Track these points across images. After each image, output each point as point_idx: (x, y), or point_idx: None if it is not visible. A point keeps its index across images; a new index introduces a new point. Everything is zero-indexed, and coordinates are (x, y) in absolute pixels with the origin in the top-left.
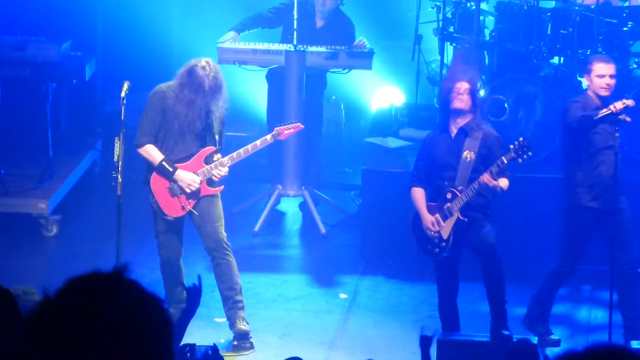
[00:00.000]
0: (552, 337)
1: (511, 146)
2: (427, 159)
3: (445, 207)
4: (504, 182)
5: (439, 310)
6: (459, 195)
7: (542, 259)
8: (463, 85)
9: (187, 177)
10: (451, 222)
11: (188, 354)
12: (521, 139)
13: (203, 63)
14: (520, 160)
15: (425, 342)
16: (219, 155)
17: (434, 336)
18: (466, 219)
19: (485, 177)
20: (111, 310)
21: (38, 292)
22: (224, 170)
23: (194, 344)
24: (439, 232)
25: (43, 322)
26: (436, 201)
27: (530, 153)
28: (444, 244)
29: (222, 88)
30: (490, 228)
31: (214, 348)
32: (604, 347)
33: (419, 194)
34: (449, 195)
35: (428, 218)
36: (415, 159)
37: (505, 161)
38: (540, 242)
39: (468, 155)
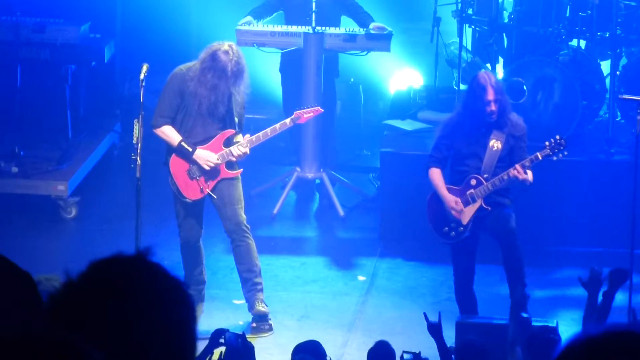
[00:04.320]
0: None
1: (547, 143)
2: (450, 144)
3: (468, 192)
4: (530, 175)
5: (455, 294)
6: (485, 183)
7: (562, 241)
8: (491, 96)
9: (205, 154)
10: (473, 208)
11: (220, 340)
12: (558, 137)
13: (226, 47)
14: (555, 158)
15: (435, 330)
16: (240, 136)
17: (440, 320)
18: (489, 208)
19: (516, 171)
20: (134, 294)
21: (60, 277)
22: (244, 149)
23: (227, 329)
24: (460, 213)
25: (66, 305)
26: (458, 185)
27: (566, 152)
28: (461, 228)
29: (244, 72)
30: (512, 212)
31: (242, 335)
32: (623, 329)
33: (437, 175)
34: (473, 182)
35: (450, 198)
36: (436, 140)
37: (540, 157)
38: (560, 225)
39: (495, 144)
